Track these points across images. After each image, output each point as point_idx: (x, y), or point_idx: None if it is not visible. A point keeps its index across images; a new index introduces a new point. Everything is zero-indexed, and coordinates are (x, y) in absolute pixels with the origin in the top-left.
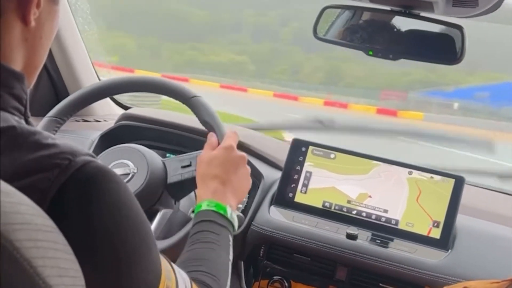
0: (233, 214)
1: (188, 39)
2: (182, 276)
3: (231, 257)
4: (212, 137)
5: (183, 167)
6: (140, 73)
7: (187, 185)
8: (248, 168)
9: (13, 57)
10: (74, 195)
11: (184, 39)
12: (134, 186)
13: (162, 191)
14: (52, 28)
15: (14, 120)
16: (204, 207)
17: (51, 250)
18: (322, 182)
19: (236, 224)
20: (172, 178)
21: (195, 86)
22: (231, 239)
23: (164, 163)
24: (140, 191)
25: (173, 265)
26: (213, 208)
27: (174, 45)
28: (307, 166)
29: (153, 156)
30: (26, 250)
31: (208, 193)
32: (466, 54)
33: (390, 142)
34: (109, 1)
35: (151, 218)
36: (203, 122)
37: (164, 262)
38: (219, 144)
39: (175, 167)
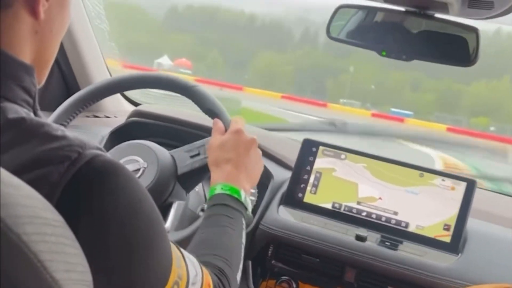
0: (246, 198)
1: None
2: (192, 261)
3: (244, 240)
4: (218, 123)
5: (192, 156)
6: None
7: (198, 174)
8: (259, 151)
9: (22, 50)
10: (84, 189)
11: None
12: (145, 181)
13: (174, 183)
14: (63, 22)
15: (24, 112)
16: (218, 190)
17: (59, 245)
18: (336, 182)
19: (250, 207)
20: (182, 169)
21: None
22: (244, 222)
23: (172, 156)
24: (152, 186)
25: (183, 251)
26: (227, 192)
27: None
28: (317, 166)
29: (161, 150)
30: (34, 244)
31: (222, 176)
32: None
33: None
34: None
35: (166, 211)
36: (207, 110)
37: (174, 249)
38: (226, 130)
39: (183, 158)
